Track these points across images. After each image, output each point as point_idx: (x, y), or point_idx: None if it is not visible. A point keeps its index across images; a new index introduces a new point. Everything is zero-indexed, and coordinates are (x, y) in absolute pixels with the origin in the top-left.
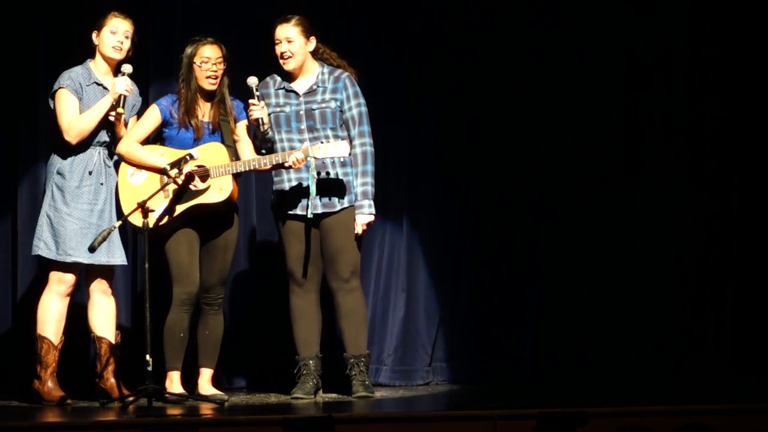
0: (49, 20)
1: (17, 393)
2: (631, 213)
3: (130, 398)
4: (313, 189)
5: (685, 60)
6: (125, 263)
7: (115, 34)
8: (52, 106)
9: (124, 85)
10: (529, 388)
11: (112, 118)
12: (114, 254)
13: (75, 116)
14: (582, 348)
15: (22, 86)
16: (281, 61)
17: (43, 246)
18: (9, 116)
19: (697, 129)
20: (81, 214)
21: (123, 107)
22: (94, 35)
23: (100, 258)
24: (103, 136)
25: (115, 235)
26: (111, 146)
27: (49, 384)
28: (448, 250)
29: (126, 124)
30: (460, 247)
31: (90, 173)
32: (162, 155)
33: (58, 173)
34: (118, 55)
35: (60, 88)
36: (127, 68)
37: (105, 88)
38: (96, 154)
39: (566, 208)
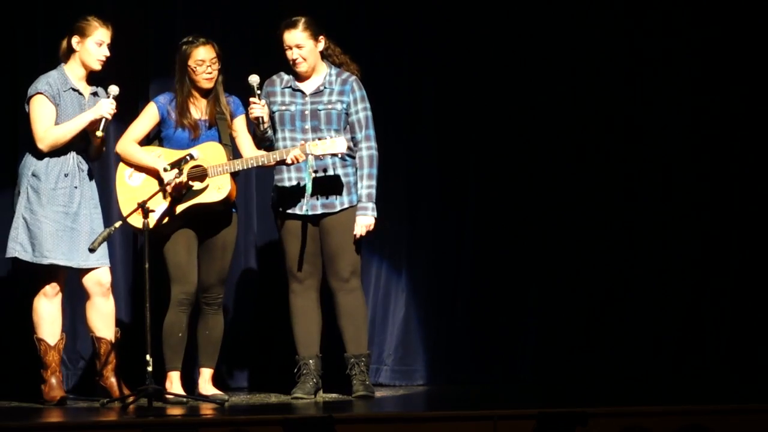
0: (49, 20)
1: (17, 393)
2: (631, 214)
3: (130, 398)
4: (309, 186)
5: (686, 61)
6: (105, 264)
7: (100, 46)
8: (27, 110)
9: (108, 108)
10: (529, 388)
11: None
12: (89, 257)
13: (50, 126)
14: (582, 348)
15: (22, 86)
16: (293, 66)
17: (20, 248)
18: (9, 117)
19: (697, 130)
20: (56, 216)
21: (102, 130)
22: (74, 40)
23: (79, 261)
24: (78, 142)
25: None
26: (84, 152)
27: (51, 383)
28: (448, 251)
29: (104, 143)
30: (461, 248)
31: (66, 176)
32: (160, 156)
33: (33, 175)
34: (100, 67)
35: (37, 93)
36: (114, 90)
37: (80, 93)
38: (71, 158)
39: (566, 207)
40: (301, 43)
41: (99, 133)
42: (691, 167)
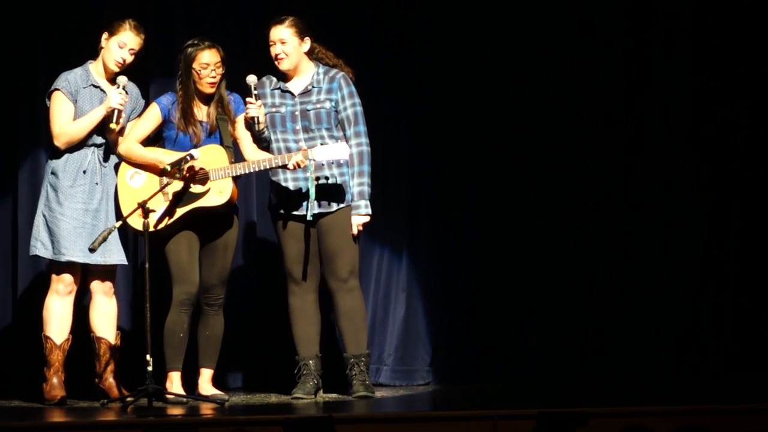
0: (49, 20)
1: (18, 393)
2: (631, 214)
3: (130, 398)
4: (312, 191)
5: (686, 63)
6: (124, 263)
7: (122, 48)
8: (48, 104)
9: (118, 99)
10: (529, 388)
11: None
12: (111, 254)
13: (66, 122)
14: (582, 348)
15: (22, 86)
16: (276, 62)
17: (40, 246)
18: (9, 117)
19: (698, 131)
20: (75, 213)
21: (116, 122)
22: (104, 36)
23: (96, 258)
24: (98, 138)
25: (113, 235)
26: (107, 148)
27: (52, 383)
28: (448, 251)
29: (122, 133)
30: (461, 248)
31: (84, 173)
32: (162, 156)
33: (52, 173)
34: (117, 69)
35: (56, 90)
36: (122, 80)
37: (102, 90)
38: (90, 154)
39: (566, 207)
40: (284, 38)
41: (113, 125)
42: (691, 168)
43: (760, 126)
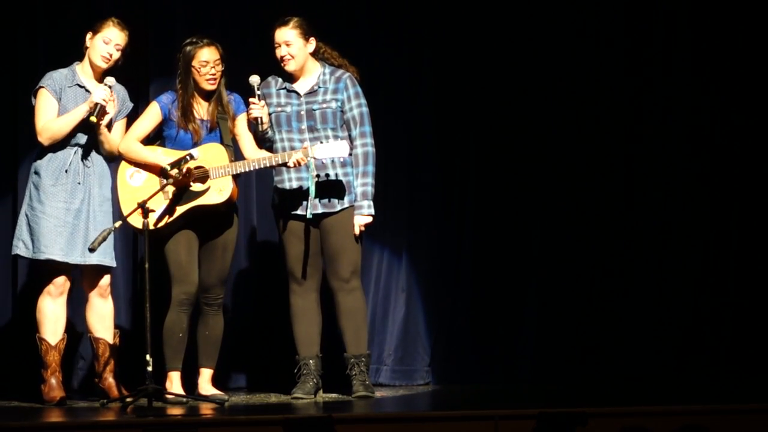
0: (49, 20)
1: (17, 393)
2: (631, 213)
3: (130, 398)
4: (312, 190)
5: (686, 63)
6: (104, 263)
7: (107, 44)
8: (33, 103)
9: (102, 94)
10: (529, 388)
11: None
12: (86, 254)
13: (50, 119)
14: (582, 348)
15: (22, 86)
16: (282, 64)
17: (22, 245)
18: (9, 117)
19: (698, 131)
20: (56, 212)
21: (96, 116)
22: (88, 36)
23: (76, 257)
24: (81, 138)
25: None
26: (91, 148)
27: (51, 383)
28: (448, 251)
29: (108, 128)
30: (461, 248)
31: (66, 172)
32: (162, 155)
33: (35, 172)
34: (104, 65)
35: (41, 87)
36: (110, 80)
37: (87, 90)
38: (72, 154)
39: (566, 207)
40: (290, 40)
41: (92, 119)
42: (691, 167)
43: (760, 126)
